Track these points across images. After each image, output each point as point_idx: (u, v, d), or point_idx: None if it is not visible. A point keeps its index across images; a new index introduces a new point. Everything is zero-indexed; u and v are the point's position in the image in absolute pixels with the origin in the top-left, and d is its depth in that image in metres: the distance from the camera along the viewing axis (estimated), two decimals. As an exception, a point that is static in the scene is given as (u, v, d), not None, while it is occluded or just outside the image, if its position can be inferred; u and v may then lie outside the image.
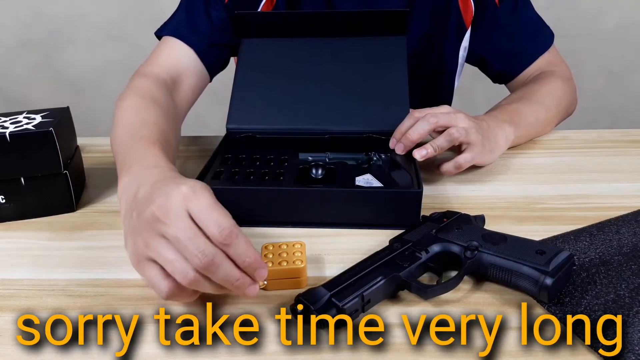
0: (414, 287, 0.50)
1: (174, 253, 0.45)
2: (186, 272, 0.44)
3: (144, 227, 0.46)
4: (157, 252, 0.45)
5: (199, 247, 0.44)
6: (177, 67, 0.84)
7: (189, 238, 0.44)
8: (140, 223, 0.46)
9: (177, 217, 0.44)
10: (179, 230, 0.44)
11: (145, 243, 0.45)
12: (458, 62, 0.99)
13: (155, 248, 0.45)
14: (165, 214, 0.45)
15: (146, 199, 0.47)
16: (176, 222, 0.44)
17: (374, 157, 0.71)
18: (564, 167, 0.78)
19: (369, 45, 0.83)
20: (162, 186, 0.47)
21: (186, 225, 0.44)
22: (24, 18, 1.99)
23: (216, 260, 0.44)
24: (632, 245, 0.57)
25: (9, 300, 0.53)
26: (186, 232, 0.44)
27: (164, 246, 0.45)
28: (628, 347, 0.44)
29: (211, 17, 0.87)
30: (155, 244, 0.45)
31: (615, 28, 1.98)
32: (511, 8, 0.92)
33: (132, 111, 0.69)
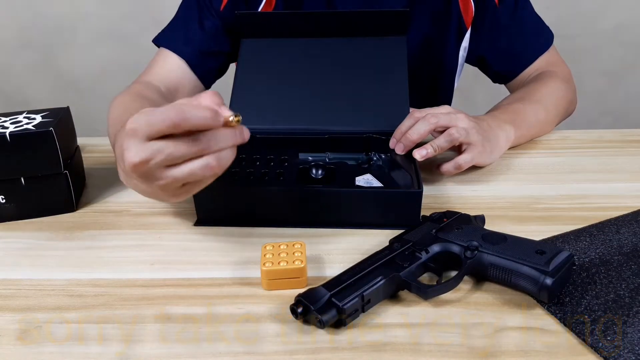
0: (414, 287, 0.50)
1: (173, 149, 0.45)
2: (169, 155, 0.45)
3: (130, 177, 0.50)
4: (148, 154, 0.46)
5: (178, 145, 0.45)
6: (171, 79, 0.87)
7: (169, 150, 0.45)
8: (127, 176, 0.50)
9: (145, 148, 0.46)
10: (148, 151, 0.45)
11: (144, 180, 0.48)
12: (458, 62, 0.99)
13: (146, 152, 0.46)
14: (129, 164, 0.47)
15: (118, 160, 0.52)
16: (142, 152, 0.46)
17: (374, 157, 0.71)
18: (564, 167, 0.78)
19: (369, 45, 0.83)
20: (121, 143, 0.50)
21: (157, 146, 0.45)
22: (24, 18, 1.99)
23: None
24: (632, 245, 0.57)
25: (9, 300, 0.53)
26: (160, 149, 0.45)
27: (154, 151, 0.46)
28: (628, 347, 0.44)
29: (204, 26, 0.89)
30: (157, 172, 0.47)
31: (615, 28, 1.98)
32: (511, 8, 0.93)
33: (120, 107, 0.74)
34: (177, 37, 0.89)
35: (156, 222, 0.66)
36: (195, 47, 0.88)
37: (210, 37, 0.89)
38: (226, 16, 0.88)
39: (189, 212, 0.67)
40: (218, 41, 0.89)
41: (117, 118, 0.70)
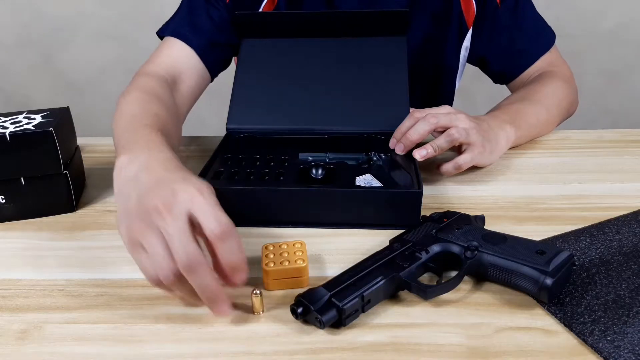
0: (414, 287, 0.50)
1: (163, 250, 0.46)
2: (167, 270, 0.45)
3: (143, 215, 0.47)
4: (149, 244, 0.46)
5: (186, 246, 0.45)
6: (178, 67, 0.84)
7: (180, 237, 0.45)
8: (141, 210, 0.47)
9: (177, 216, 0.46)
10: (175, 227, 0.45)
11: (141, 230, 0.47)
12: (459, 62, 0.99)
13: (149, 239, 0.46)
14: (167, 210, 0.46)
15: (151, 189, 0.48)
16: (174, 220, 0.46)
17: (374, 157, 0.71)
18: (564, 167, 0.78)
19: (369, 45, 0.83)
20: (171, 181, 0.49)
21: (183, 225, 0.46)
22: (24, 18, 1.99)
23: (197, 262, 0.45)
24: (632, 246, 0.57)
25: (9, 300, 0.53)
26: (179, 230, 0.45)
27: (156, 240, 0.46)
28: (628, 347, 0.44)
29: (212, 17, 0.87)
30: (150, 236, 0.46)
31: (615, 28, 1.98)
32: (512, 8, 0.92)
33: (135, 104, 0.70)
34: (185, 27, 0.87)
35: (156, 222, 0.66)
36: (204, 37, 0.87)
37: (218, 28, 0.88)
38: (232, 8, 0.88)
39: (189, 212, 0.67)
40: (225, 32, 0.88)
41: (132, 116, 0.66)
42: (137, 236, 0.47)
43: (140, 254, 0.47)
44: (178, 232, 0.45)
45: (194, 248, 0.45)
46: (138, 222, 0.47)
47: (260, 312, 0.50)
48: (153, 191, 0.48)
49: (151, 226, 0.46)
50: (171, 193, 0.47)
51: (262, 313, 0.50)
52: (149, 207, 0.47)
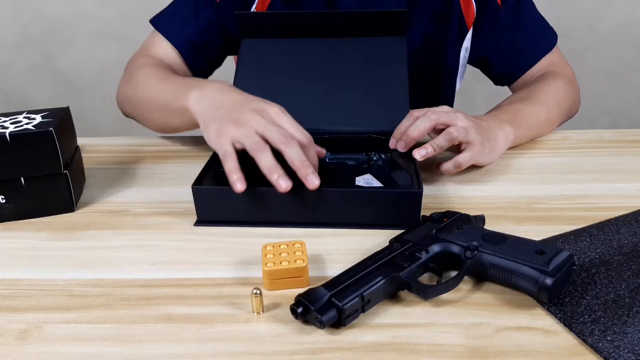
0: (414, 287, 0.50)
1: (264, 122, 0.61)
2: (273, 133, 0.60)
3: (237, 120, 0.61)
4: (244, 136, 0.60)
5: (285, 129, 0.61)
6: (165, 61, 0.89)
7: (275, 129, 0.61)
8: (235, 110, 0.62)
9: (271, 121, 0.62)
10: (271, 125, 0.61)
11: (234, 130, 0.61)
12: (459, 63, 0.99)
13: (243, 133, 0.60)
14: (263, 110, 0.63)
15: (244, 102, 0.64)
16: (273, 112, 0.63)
17: (374, 157, 0.71)
18: (564, 167, 0.78)
19: (369, 45, 0.83)
20: (258, 100, 0.64)
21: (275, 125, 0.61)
22: (24, 18, 1.99)
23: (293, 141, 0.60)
24: (632, 246, 0.57)
25: (9, 300, 0.53)
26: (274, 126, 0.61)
27: (251, 132, 0.60)
28: (628, 347, 0.44)
29: (199, 17, 0.89)
30: (245, 131, 0.60)
31: (615, 28, 1.98)
32: (514, 9, 0.92)
33: (156, 69, 0.81)
34: (171, 24, 0.91)
35: (156, 222, 0.66)
36: (187, 37, 0.89)
37: (203, 29, 0.89)
38: (222, 8, 0.88)
39: (189, 212, 0.67)
40: (211, 34, 0.90)
41: (160, 75, 0.79)
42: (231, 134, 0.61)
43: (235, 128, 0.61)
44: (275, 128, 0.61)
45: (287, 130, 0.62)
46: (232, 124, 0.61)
47: (260, 311, 0.50)
48: (245, 104, 0.63)
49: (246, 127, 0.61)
50: (261, 107, 0.62)
51: (262, 313, 0.50)
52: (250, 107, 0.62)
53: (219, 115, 0.63)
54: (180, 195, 0.71)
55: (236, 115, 0.62)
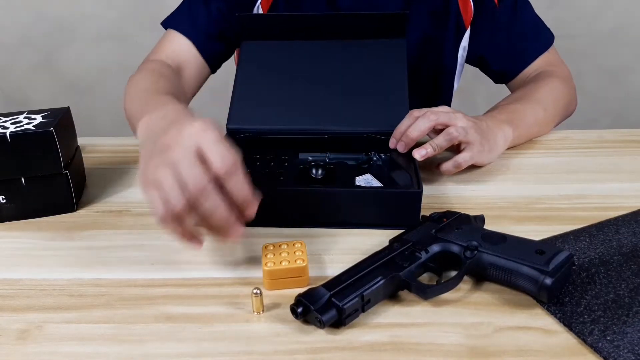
0: (414, 287, 0.50)
1: (172, 181, 0.47)
2: (177, 202, 0.47)
3: (155, 154, 0.50)
4: (159, 177, 0.48)
5: (194, 174, 0.47)
6: (178, 59, 0.88)
7: (186, 165, 0.47)
8: (154, 150, 0.50)
9: (183, 146, 0.48)
10: (180, 157, 0.48)
11: (154, 168, 0.49)
12: (457, 62, 0.99)
13: (159, 173, 0.48)
14: (175, 144, 0.49)
15: (163, 130, 0.51)
16: (180, 150, 0.48)
17: (374, 157, 0.71)
18: (564, 167, 0.78)
19: (368, 47, 0.83)
20: (178, 121, 0.52)
21: (188, 154, 0.48)
22: (24, 18, 1.99)
23: (207, 190, 0.47)
24: (632, 245, 0.57)
25: (9, 300, 0.53)
26: (185, 159, 0.47)
27: (166, 173, 0.48)
28: (628, 346, 0.44)
29: (210, 9, 0.90)
30: (161, 170, 0.48)
31: (615, 28, 1.98)
32: (510, 8, 0.93)
33: (145, 81, 0.76)
34: (184, 19, 0.90)
35: (156, 222, 0.66)
36: (202, 29, 0.89)
37: (215, 20, 0.90)
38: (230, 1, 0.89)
39: (189, 212, 0.67)
40: (222, 24, 0.91)
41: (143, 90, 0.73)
42: (149, 174, 0.49)
43: (150, 191, 0.49)
44: (185, 162, 0.47)
45: (199, 172, 0.47)
46: (151, 160, 0.50)
47: (261, 311, 0.50)
48: (165, 133, 0.51)
49: (162, 163, 0.48)
50: (178, 130, 0.50)
51: (262, 313, 0.50)
52: (159, 146, 0.50)
53: (146, 154, 0.52)
54: (180, 195, 0.71)
55: (156, 151, 0.50)
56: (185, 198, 0.47)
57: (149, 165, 0.49)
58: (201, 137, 0.48)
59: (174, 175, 0.47)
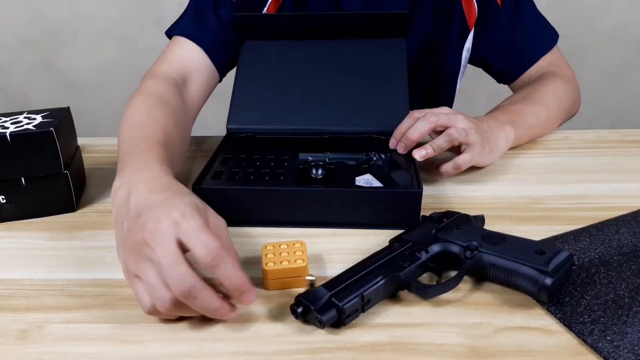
0: (414, 287, 0.50)
1: (157, 278, 0.45)
2: (164, 300, 0.45)
3: (133, 247, 0.47)
4: (142, 274, 0.46)
5: (179, 274, 0.44)
6: (187, 66, 0.84)
7: (170, 264, 0.45)
8: (130, 242, 0.47)
9: (163, 243, 0.45)
10: (162, 256, 0.45)
11: (135, 262, 0.47)
12: (461, 64, 0.99)
13: (142, 270, 0.46)
14: (153, 239, 0.45)
15: (137, 217, 0.48)
16: (161, 248, 0.45)
17: (374, 157, 0.71)
18: (564, 167, 0.78)
19: (369, 47, 0.83)
20: (154, 209, 0.48)
21: (170, 251, 0.45)
22: (24, 18, 1.99)
23: (195, 289, 0.45)
24: (632, 245, 0.57)
25: (9, 300, 0.53)
26: (168, 258, 0.45)
27: (149, 270, 0.46)
28: (628, 347, 0.44)
29: (220, 16, 0.87)
30: (142, 267, 0.46)
31: (615, 28, 1.98)
32: (513, 8, 0.92)
33: (139, 110, 0.70)
34: (194, 26, 0.87)
35: (156, 222, 0.66)
36: (213, 36, 0.87)
37: (226, 27, 0.87)
38: (239, 7, 0.88)
39: (189, 212, 0.67)
40: (233, 31, 0.88)
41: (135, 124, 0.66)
42: (131, 268, 0.47)
43: (135, 284, 0.47)
44: (168, 261, 0.45)
45: (187, 274, 0.45)
46: (130, 253, 0.47)
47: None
48: (138, 223, 0.47)
49: (143, 258, 0.46)
50: (155, 222, 0.46)
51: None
52: (138, 241, 0.46)
53: (121, 237, 0.50)
54: (180, 195, 0.71)
55: (129, 241, 0.48)
56: (173, 295, 0.45)
57: (128, 256, 0.48)
58: (180, 228, 0.46)
59: (158, 275, 0.45)
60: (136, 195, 0.51)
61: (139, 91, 0.75)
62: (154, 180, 0.53)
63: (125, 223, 0.49)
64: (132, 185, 0.52)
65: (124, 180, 0.54)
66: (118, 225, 0.51)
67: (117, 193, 0.53)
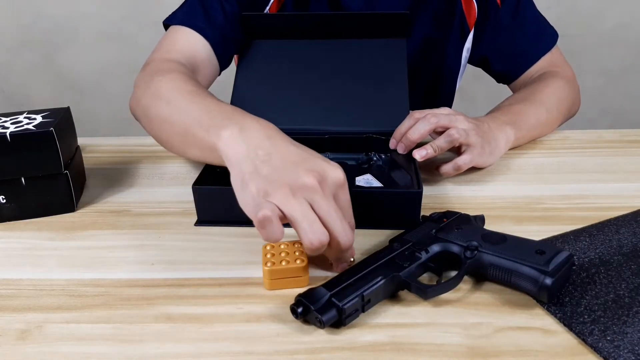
0: (414, 287, 0.50)
1: (315, 216, 0.49)
2: (321, 235, 0.49)
3: (290, 184, 0.49)
4: (298, 211, 0.49)
5: (347, 231, 0.50)
6: (195, 57, 0.82)
7: (337, 216, 0.50)
8: (289, 179, 0.50)
9: (330, 197, 0.50)
10: (334, 207, 0.50)
11: (287, 198, 0.49)
12: (461, 64, 0.99)
13: (297, 207, 0.49)
14: (322, 187, 0.50)
15: (299, 161, 0.51)
16: (330, 200, 0.50)
17: (374, 157, 0.71)
18: (564, 167, 0.78)
19: (369, 47, 0.83)
20: (314, 159, 0.52)
21: (336, 207, 0.50)
22: (24, 18, 1.99)
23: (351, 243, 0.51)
24: (632, 245, 0.57)
25: (9, 300, 0.53)
26: (337, 212, 0.50)
27: (307, 208, 0.49)
28: (628, 347, 0.44)
29: (225, 11, 0.86)
30: (299, 204, 0.49)
31: (615, 28, 1.98)
32: (513, 9, 0.92)
33: (186, 83, 0.67)
34: (200, 18, 0.85)
35: (156, 222, 0.66)
36: (219, 31, 0.85)
37: (231, 22, 0.86)
38: (244, 4, 0.87)
39: (189, 212, 0.67)
40: (237, 28, 0.87)
41: (189, 92, 0.64)
42: (278, 201, 0.49)
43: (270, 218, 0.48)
44: (335, 211, 0.50)
45: (352, 234, 0.51)
46: (283, 189, 0.49)
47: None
48: (302, 164, 0.51)
49: (301, 197, 0.49)
50: (322, 172, 0.50)
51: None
52: (303, 179, 0.49)
53: (264, 172, 0.51)
54: (180, 195, 0.72)
55: (290, 177, 0.50)
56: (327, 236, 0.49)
57: (278, 190, 0.49)
58: (342, 192, 0.52)
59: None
60: (278, 140, 0.54)
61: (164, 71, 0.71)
62: (283, 134, 0.56)
63: (276, 157, 0.52)
64: (263, 130, 0.55)
65: (242, 124, 0.55)
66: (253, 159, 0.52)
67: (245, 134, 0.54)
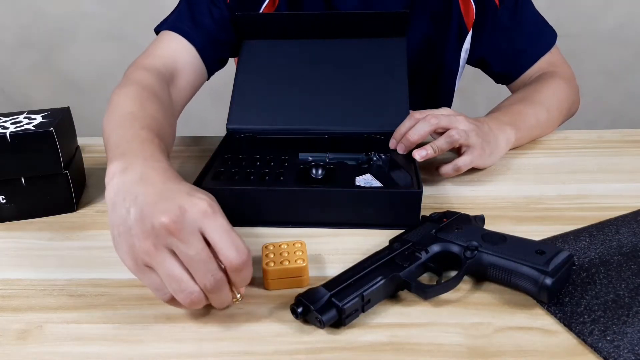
0: (414, 287, 0.50)
1: (181, 270, 0.44)
2: (191, 292, 0.44)
3: (148, 235, 0.44)
4: (161, 265, 0.44)
5: (212, 269, 0.44)
6: (176, 62, 0.82)
7: (203, 260, 0.44)
8: (145, 228, 0.44)
9: (192, 236, 0.44)
10: (194, 250, 0.43)
11: (147, 251, 0.44)
12: (459, 65, 0.99)
13: (160, 261, 0.44)
14: (179, 230, 0.43)
15: (154, 204, 0.45)
16: (191, 242, 0.43)
17: (374, 157, 0.71)
18: (564, 167, 0.78)
19: (369, 46, 0.83)
20: (175, 196, 0.46)
21: (202, 246, 0.44)
22: (24, 18, 1.99)
23: (221, 283, 0.45)
24: (632, 246, 0.57)
25: (9, 300, 0.53)
26: (201, 254, 0.44)
27: (170, 261, 0.44)
28: (628, 347, 0.44)
29: (213, 15, 0.87)
30: (161, 257, 0.44)
31: (615, 28, 1.98)
32: (512, 9, 0.92)
33: (133, 101, 0.66)
34: (186, 23, 0.85)
35: (156, 222, 0.66)
36: (205, 35, 0.85)
37: (218, 26, 0.86)
38: (233, 7, 0.87)
39: (189, 212, 0.67)
40: (226, 31, 0.87)
41: (129, 114, 0.62)
42: (143, 257, 0.44)
43: (149, 275, 0.45)
44: (199, 254, 0.43)
45: (215, 267, 0.44)
46: (143, 241, 0.44)
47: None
48: (157, 206, 0.44)
49: (161, 247, 0.44)
50: (179, 210, 0.44)
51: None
52: (156, 226, 0.43)
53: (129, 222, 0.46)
54: (180, 195, 0.71)
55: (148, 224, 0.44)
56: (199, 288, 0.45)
57: (140, 243, 0.44)
58: (208, 222, 0.44)
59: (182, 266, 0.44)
60: (149, 182, 0.48)
61: (129, 81, 0.72)
62: (166, 171, 0.51)
63: (133, 209, 0.45)
64: (143, 171, 0.49)
65: (129, 164, 0.50)
66: (119, 211, 0.47)
67: (121, 177, 0.49)
